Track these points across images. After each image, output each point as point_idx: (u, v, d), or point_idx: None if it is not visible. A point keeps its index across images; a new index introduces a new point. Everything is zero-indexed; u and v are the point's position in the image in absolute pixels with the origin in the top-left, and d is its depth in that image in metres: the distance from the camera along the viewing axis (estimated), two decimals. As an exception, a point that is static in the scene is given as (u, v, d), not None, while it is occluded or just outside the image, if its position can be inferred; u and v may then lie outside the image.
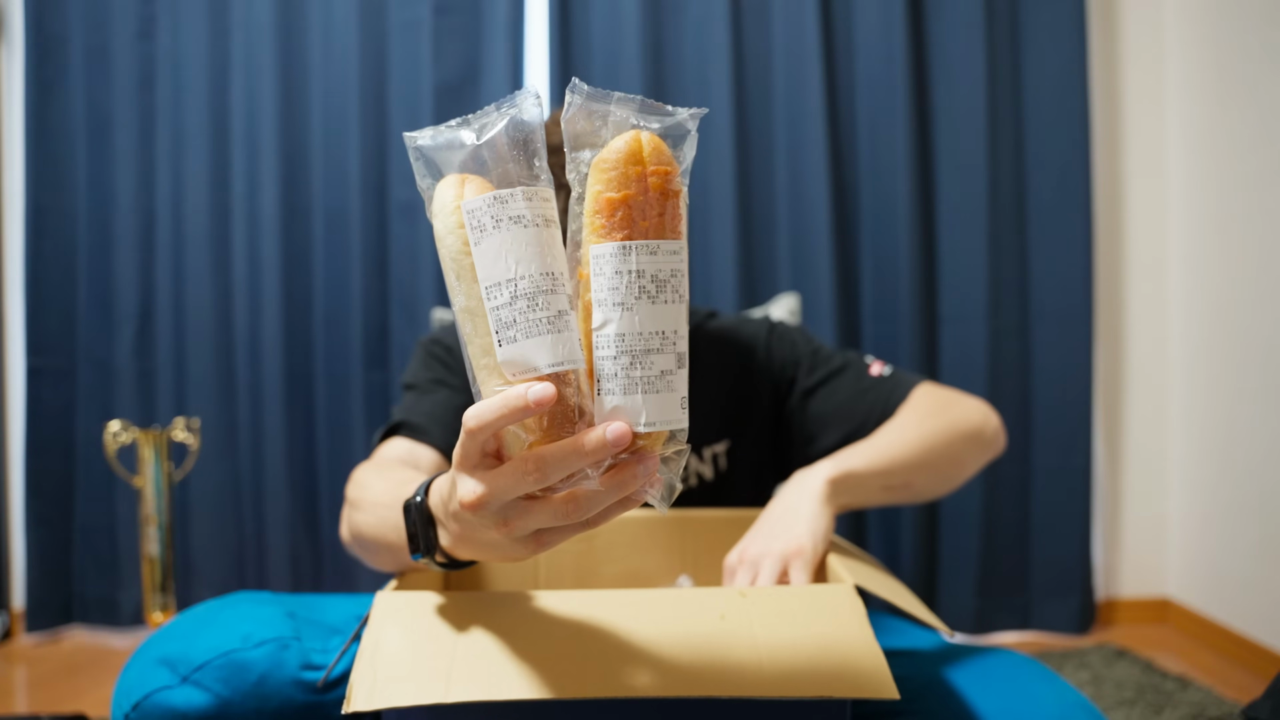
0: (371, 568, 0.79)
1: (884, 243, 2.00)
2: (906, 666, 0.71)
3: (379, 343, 2.02)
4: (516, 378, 0.44)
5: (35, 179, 2.03)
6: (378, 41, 2.00)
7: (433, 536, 0.57)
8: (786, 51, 1.98)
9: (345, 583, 2.02)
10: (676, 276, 0.45)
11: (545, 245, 0.45)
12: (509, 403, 0.44)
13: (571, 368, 0.45)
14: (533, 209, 0.45)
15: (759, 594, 0.58)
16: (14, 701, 1.72)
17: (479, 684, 0.50)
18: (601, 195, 0.45)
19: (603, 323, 0.45)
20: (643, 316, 0.44)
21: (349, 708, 0.49)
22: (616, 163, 0.45)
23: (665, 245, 0.45)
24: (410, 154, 0.49)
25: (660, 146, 0.46)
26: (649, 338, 0.44)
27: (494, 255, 0.45)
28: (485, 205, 0.45)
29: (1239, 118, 1.87)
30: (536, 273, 0.44)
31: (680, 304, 0.46)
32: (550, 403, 0.43)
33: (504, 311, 0.44)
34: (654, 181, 0.45)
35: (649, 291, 0.44)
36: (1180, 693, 1.59)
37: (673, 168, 0.46)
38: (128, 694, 0.65)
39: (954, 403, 0.94)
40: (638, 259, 0.44)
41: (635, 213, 0.45)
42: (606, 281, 0.45)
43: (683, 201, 0.47)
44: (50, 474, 2.06)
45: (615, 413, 0.44)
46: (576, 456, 0.43)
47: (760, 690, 0.50)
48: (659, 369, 0.44)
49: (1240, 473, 1.86)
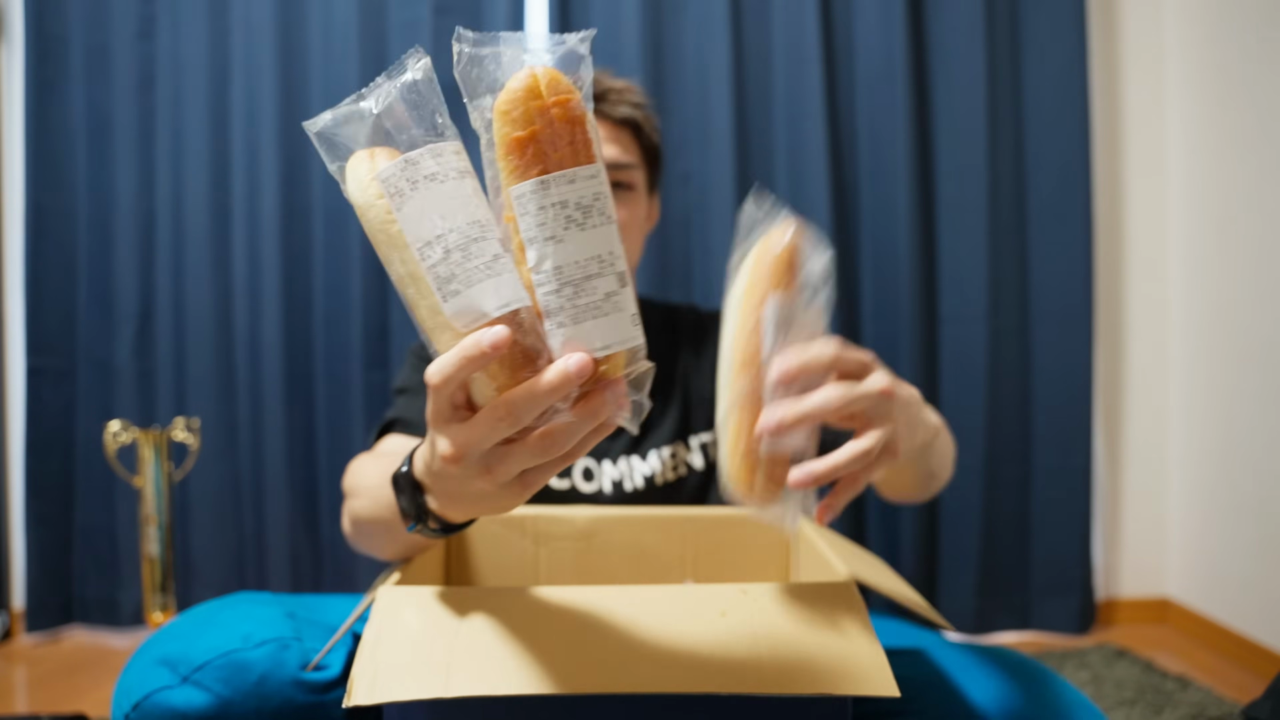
0: (377, 559, 0.80)
1: (884, 243, 2.00)
2: (906, 666, 0.71)
3: (379, 343, 2.02)
4: (467, 328, 0.45)
5: (35, 179, 2.03)
6: (378, 41, 2.00)
7: (422, 502, 0.58)
8: (786, 51, 1.98)
9: (345, 583, 2.02)
10: (600, 199, 0.45)
11: (465, 196, 0.46)
12: (466, 352, 0.44)
13: (519, 306, 0.45)
14: (443, 164, 0.46)
15: (760, 591, 0.58)
16: (14, 701, 1.72)
17: (479, 679, 0.50)
18: (509, 136, 0.45)
19: (538, 259, 0.45)
20: (575, 245, 0.44)
21: (349, 702, 0.49)
22: (515, 102, 0.45)
23: (582, 172, 0.45)
24: (314, 141, 0.49)
25: (556, 77, 0.46)
26: (586, 264, 0.45)
27: (418, 216, 0.45)
28: (398, 170, 0.45)
29: (1239, 118, 1.87)
30: (463, 223, 0.45)
31: (609, 225, 0.45)
32: (506, 345, 0.43)
33: (440, 267, 0.45)
34: (556, 113, 0.45)
35: (576, 220, 0.45)
36: (1180, 693, 1.59)
37: (573, 95, 0.46)
38: (128, 694, 0.65)
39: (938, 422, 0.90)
40: (558, 190, 0.44)
41: (545, 146, 0.45)
42: (533, 219, 0.45)
43: (590, 125, 0.46)
44: (50, 474, 2.06)
45: (569, 344, 0.45)
46: (544, 394, 0.44)
47: (761, 687, 0.50)
48: (603, 292, 0.45)
49: (1240, 473, 1.86)
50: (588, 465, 1.00)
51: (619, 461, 1.00)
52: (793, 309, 0.51)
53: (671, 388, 1.04)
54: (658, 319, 1.09)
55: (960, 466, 2.00)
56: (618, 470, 0.99)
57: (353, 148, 0.48)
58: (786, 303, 0.53)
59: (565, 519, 0.86)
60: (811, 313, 0.53)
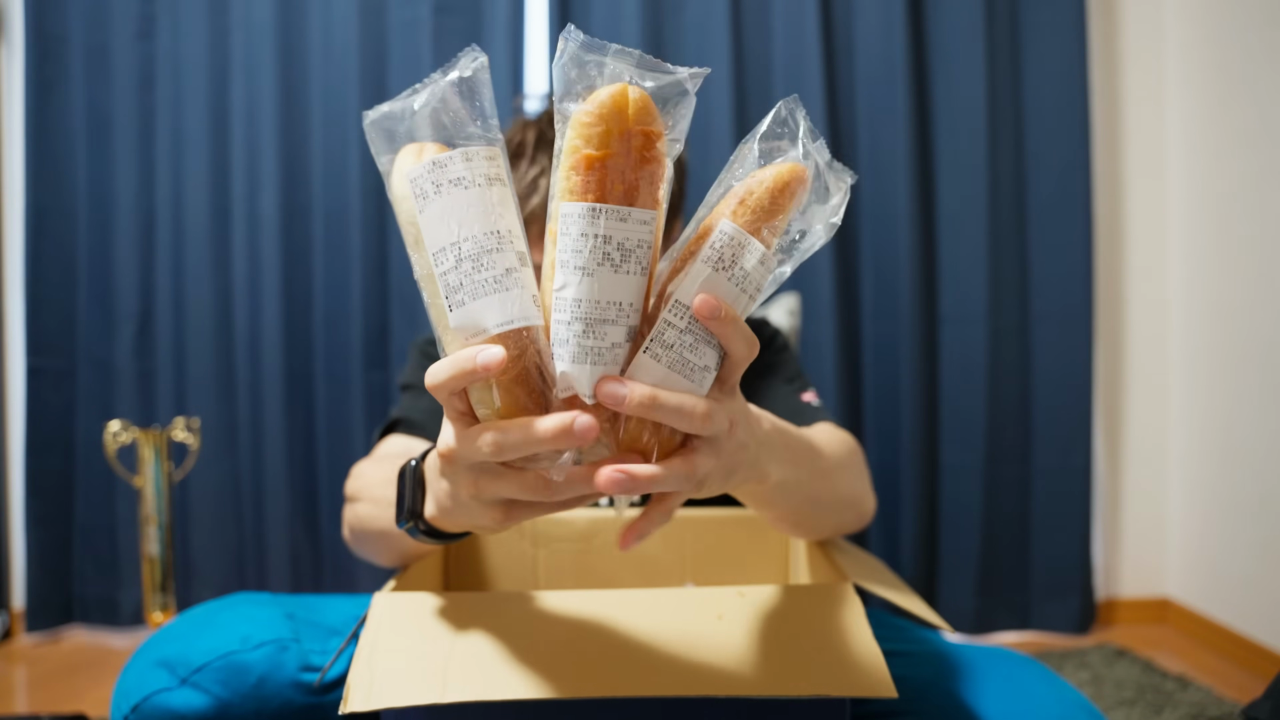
0: (375, 564, 0.80)
1: (884, 243, 2.00)
2: (906, 666, 0.70)
3: (379, 343, 2.02)
4: (469, 341, 0.44)
5: (35, 179, 2.03)
6: (378, 41, 2.00)
7: (419, 498, 0.58)
8: (786, 51, 1.97)
9: (345, 583, 2.02)
10: (643, 248, 0.43)
11: (489, 204, 0.44)
12: (459, 365, 0.43)
13: (523, 324, 0.44)
14: (472, 169, 0.44)
15: (757, 593, 0.58)
16: (14, 701, 1.72)
17: (476, 684, 0.50)
18: (579, 151, 0.43)
19: (562, 285, 0.43)
20: (602, 284, 0.43)
21: (346, 708, 0.49)
22: (598, 118, 0.42)
23: (637, 214, 0.43)
24: (367, 133, 0.48)
25: (648, 105, 0.43)
26: (605, 307, 0.43)
27: (437, 221, 0.44)
28: (425, 172, 0.44)
29: (1239, 118, 1.86)
30: (480, 233, 0.44)
31: (642, 276, 0.44)
32: (499, 366, 0.42)
33: (451, 276, 0.44)
34: (636, 143, 0.43)
35: (613, 259, 0.43)
36: (1180, 693, 1.59)
37: (658, 130, 0.44)
38: (127, 696, 0.65)
39: (861, 459, 0.84)
40: (606, 224, 0.42)
41: (611, 174, 0.43)
42: (571, 243, 0.43)
43: (665, 170, 0.44)
44: (50, 474, 2.06)
45: (564, 377, 0.44)
46: (536, 440, 0.43)
47: (759, 689, 0.50)
48: (610, 340, 0.43)
49: (1240, 473, 1.86)
50: None
51: None
52: (742, 254, 0.44)
53: None
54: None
55: (960, 466, 2.01)
56: None
57: (399, 143, 0.47)
58: (738, 242, 0.45)
59: (565, 520, 0.86)
60: (761, 272, 0.45)
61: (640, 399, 0.43)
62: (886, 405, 2.00)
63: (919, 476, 1.99)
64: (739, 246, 0.45)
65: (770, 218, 0.45)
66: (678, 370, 0.44)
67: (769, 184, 0.46)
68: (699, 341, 0.45)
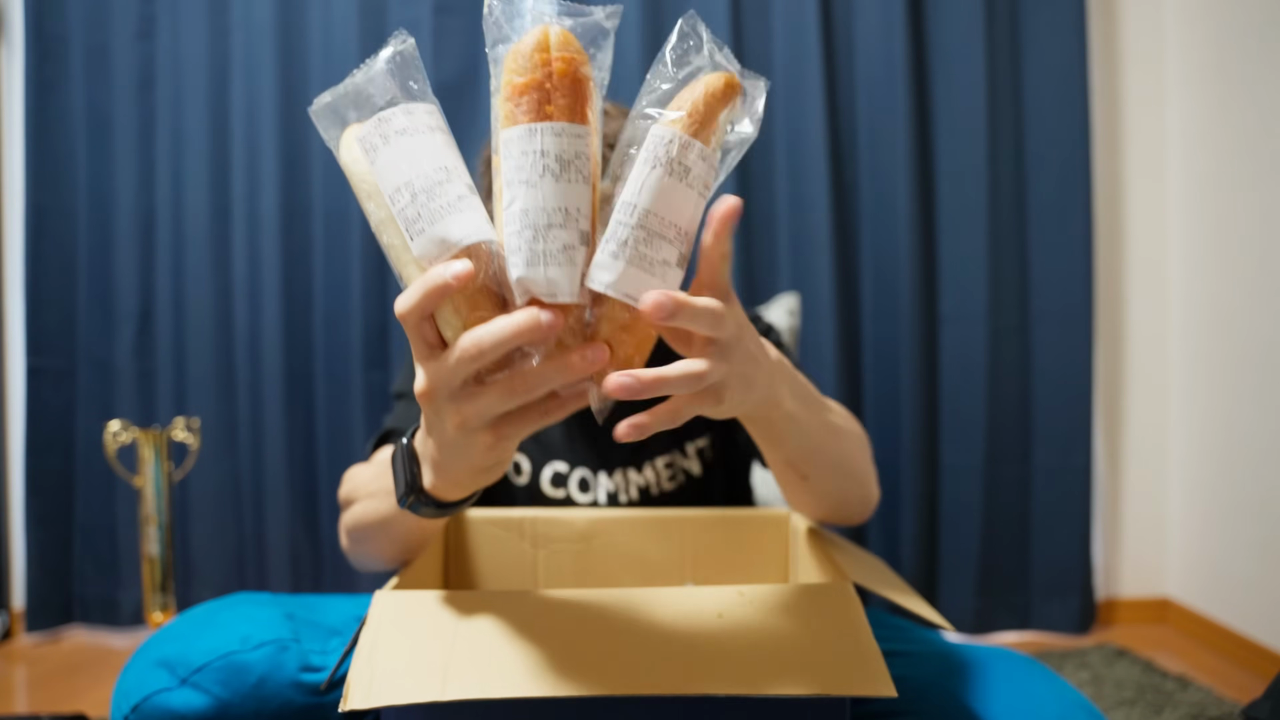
0: (375, 568, 0.79)
1: (884, 243, 2.00)
2: (906, 666, 0.70)
3: (379, 343, 2.02)
4: (433, 263, 0.47)
5: (35, 179, 2.03)
6: (378, 41, 1.99)
7: (416, 473, 0.58)
8: (786, 51, 1.97)
9: (345, 583, 2.02)
10: (581, 158, 0.47)
11: (434, 146, 0.48)
12: (428, 283, 0.45)
13: (481, 239, 0.46)
14: (413, 120, 0.48)
15: (757, 592, 0.58)
16: (14, 701, 1.72)
17: (476, 681, 0.50)
18: (510, 82, 0.47)
19: (510, 201, 0.46)
20: (545, 193, 0.46)
21: (346, 706, 0.49)
22: (523, 52, 0.47)
23: (570, 128, 0.46)
24: (315, 122, 0.51)
25: (568, 37, 0.47)
26: (551, 213, 0.46)
27: (389, 166, 0.48)
28: (373, 128, 0.48)
29: (1239, 118, 1.86)
30: (429, 169, 0.47)
31: (584, 185, 0.47)
32: (469, 276, 0.45)
33: (408, 209, 0.47)
34: (559, 67, 0.46)
35: (553, 170, 0.46)
36: (1180, 693, 1.59)
37: (580, 56, 0.47)
38: (127, 696, 0.65)
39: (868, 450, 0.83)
40: (543, 140, 0.46)
41: (541, 96, 0.46)
42: (514, 162, 0.46)
43: (592, 91, 0.48)
44: (50, 474, 2.06)
45: (518, 284, 0.46)
46: (511, 332, 0.45)
47: (758, 688, 0.50)
48: (561, 243, 0.46)
49: (1240, 473, 1.86)
50: (584, 476, 0.99)
51: (614, 474, 0.99)
52: (689, 156, 0.47)
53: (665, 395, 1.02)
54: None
55: (960, 467, 2.01)
56: (613, 483, 0.99)
57: (348, 122, 0.51)
58: (685, 145, 0.47)
59: (565, 521, 0.86)
60: (703, 168, 0.48)
61: (666, 302, 0.45)
62: (886, 405, 2.01)
63: (919, 476, 1.99)
64: (673, 144, 0.47)
65: (708, 124, 0.48)
66: (637, 265, 0.47)
67: (703, 93, 0.48)
68: (652, 236, 0.47)
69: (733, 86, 0.49)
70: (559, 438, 1.00)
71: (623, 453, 0.99)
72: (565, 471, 0.99)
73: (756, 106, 0.51)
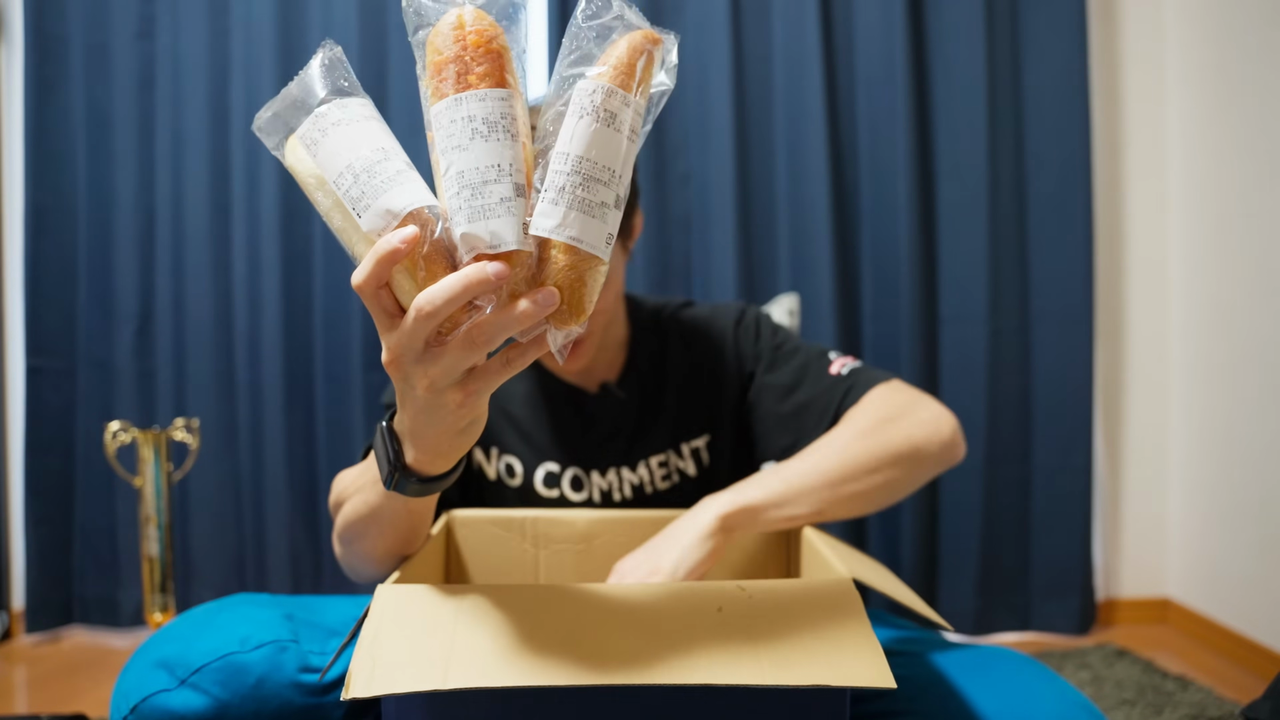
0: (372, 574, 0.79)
1: (884, 243, 2.00)
2: (906, 666, 0.71)
3: (379, 343, 2.00)
4: (381, 234, 0.49)
5: (35, 179, 2.03)
6: (378, 41, 2.00)
7: (399, 450, 0.60)
8: (786, 51, 1.97)
9: (345, 583, 2.02)
10: (507, 119, 0.49)
11: (369, 132, 0.51)
12: (379, 250, 0.48)
13: (423, 204, 0.49)
14: (348, 112, 0.52)
15: (757, 587, 0.58)
16: (14, 701, 1.72)
17: (477, 671, 0.50)
18: (432, 61, 0.50)
19: (445, 168, 0.49)
20: (477, 153, 0.48)
21: (348, 694, 0.49)
22: (442, 32, 0.50)
23: (493, 93, 0.49)
24: (259, 134, 0.54)
25: (479, 14, 0.50)
26: (484, 170, 0.48)
27: (330, 155, 0.50)
28: (311, 124, 0.52)
29: (1239, 118, 1.86)
30: (366, 151, 0.50)
31: (513, 141, 0.49)
32: (415, 239, 0.48)
33: (352, 189, 0.50)
34: (473, 39, 0.49)
35: (481, 132, 0.48)
36: (1180, 693, 1.59)
37: (494, 29, 0.50)
38: (126, 697, 0.65)
39: (905, 412, 0.87)
40: (468, 107, 0.49)
41: (461, 68, 0.49)
42: (444, 131, 0.49)
43: (510, 60, 0.50)
44: (50, 474, 2.06)
45: (464, 240, 0.48)
46: (460, 286, 0.47)
47: (758, 678, 0.50)
48: (498, 196, 0.48)
49: (1240, 473, 1.86)
50: (577, 474, 0.99)
51: (608, 473, 0.99)
52: (613, 102, 0.50)
53: (661, 393, 1.01)
54: (648, 320, 1.05)
55: (960, 466, 2.00)
56: (606, 481, 0.99)
57: (291, 130, 0.53)
58: (610, 93, 0.50)
59: (566, 521, 0.86)
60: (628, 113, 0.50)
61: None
62: (886, 405, 2.00)
63: (919, 476, 1.99)
64: (597, 93, 0.50)
65: (630, 74, 0.51)
66: (577, 209, 0.49)
67: (626, 47, 0.51)
68: (588, 181, 0.49)
69: (650, 39, 0.52)
70: (550, 439, 0.99)
71: (615, 452, 0.99)
72: (557, 471, 0.99)
73: (670, 58, 0.53)
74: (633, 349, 1.03)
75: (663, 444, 1.00)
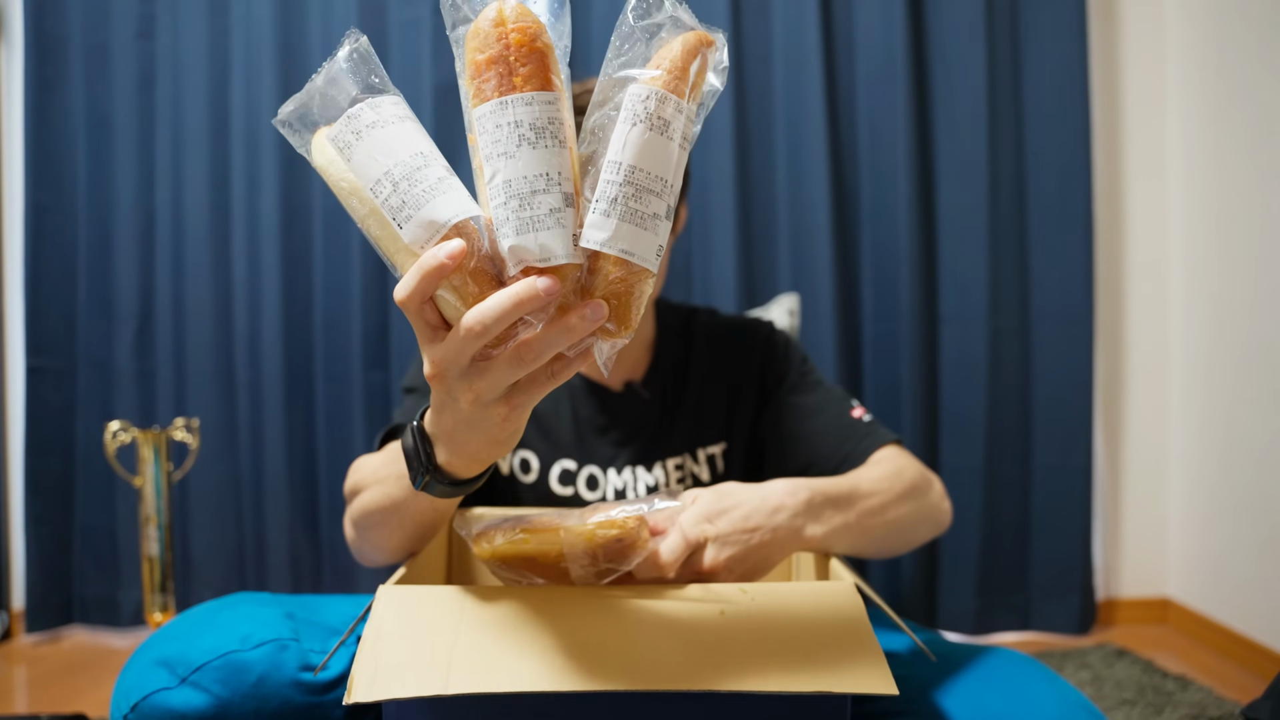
0: (381, 562, 0.79)
1: (884, 243, 2.00)
2: (906, 667, 0.70)
3: (379, 343, 2.02)
4: (424, 247, 0.47)
5: (35, 179, 2.03)
6: (378, 41, 1.99)
7: (430, 452, 0.59)
8: (786, 51, 1.97)
9: (345, 583, 2.02)
10: (555, 124, 0.48)
11: (405, 135, 0.49)
12: (425, 264, 0.46)
13: (468, 215, 0.48)
14: (381, 113, 0.49)
15: (759, 590, 0.58)
16: (14, 701, 1.72)
17: (479, 676, 0.50)
18: (473, 60, 0.48)
19: (491, 175, 0.47)
20: (525, 161, 0.47)
21: (350, 699, 0.49)
22: (482, 29, 0.48)
23: (540, 96, 0.47)
24: (283, 131, 0.52)
25: (522, 9, 0.48)
26: (533, 180, 0.47)
27: (366, 160, 0.48)
28: (343, 126, 0.49)
29: (1239, 118, 1.86)
30: (405, 156, 0.48)
31: (561, 148, 0.48)
32: (463, 254, 0.46)
33: (392, 199, 0.48)
34: (516, 39, 0.47)
35: (529, 139, 0.47)
36: (1180, 693, 1.59)
37: (537, 25, 0.48)
38: (126, 695, 0.65)
39: (927, 487, 0.89)
40: (514, 111, 0.47)
41: (505, 69, 0.47)
42: (489, 137, 0.47)
43: (554, 58, 0.49)
44: (50, 474, 2.06)
45: (512, 253, 0.47)
46: (511, 304, 0.45)
47: (760, 684, 0.50)
48: (547, 207, 0.47)
49: (1240, 473, 1.86)
50: (593, 473, 0.99)
51: (624, 471, 0.99)
52: (667, 109, 0.48)
53: (682, 397, 1.02)
54: (676, 323, 1.06)
55: (960, 467, 2.00)
56: (621, 480, 0.99)
57: (315, 126, 0.51)
58: (663, 100, 0.48)
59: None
60: (681, 120, 0.49)
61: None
62: (886, 405, 2.00)
63: (919, 476, 1.99)
64: (650, 99, 0.48)
65: (684, 79, 0.49)
66: (629, 220, 0.47)
67: (679, 50, 0.49)
68: (640, 191, 0.48)
69: (704, 40, 0.50)
70: (568, 436, 1.00)
71: (632, 451, 0.99)
72: (574, 469, 0.99)
73: (721, 58, 0.52)
74: (658, 350, 1.04)
75: (681, 447, 1.00)
